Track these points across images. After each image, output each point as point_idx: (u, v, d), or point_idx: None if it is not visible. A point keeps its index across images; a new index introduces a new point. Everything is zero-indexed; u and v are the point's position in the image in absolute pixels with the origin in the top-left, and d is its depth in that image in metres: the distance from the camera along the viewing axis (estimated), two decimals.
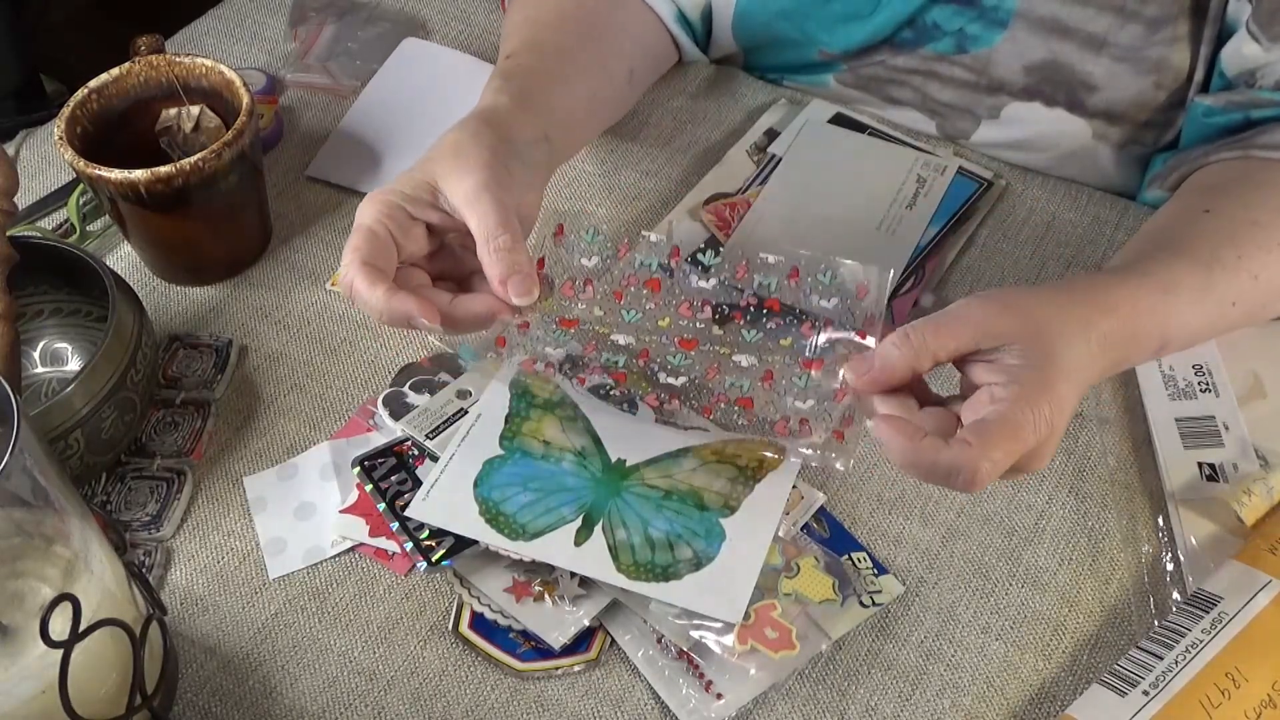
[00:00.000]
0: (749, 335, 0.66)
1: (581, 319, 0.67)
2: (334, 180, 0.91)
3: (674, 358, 0.66)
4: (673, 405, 0.63)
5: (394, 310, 0.64)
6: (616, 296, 0.67)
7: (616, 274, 0.68)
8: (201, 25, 1.04)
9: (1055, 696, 0.64)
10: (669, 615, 0.65)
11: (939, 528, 0.71)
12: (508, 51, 0.80)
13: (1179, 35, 0.78)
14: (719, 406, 0.64)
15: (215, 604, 0.69)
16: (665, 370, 0.66)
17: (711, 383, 0.65)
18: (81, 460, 0.69)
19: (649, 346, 0.67)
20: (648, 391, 0.68)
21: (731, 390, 0.65)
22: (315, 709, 0.65)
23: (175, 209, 0.78)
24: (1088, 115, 0.83)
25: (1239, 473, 0.70)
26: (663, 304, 0.67)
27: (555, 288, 0.67)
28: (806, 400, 0.64)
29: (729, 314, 0.66)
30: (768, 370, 0.65)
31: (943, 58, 0.85)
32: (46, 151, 0.94)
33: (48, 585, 0.57)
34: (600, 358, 0.66)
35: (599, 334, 0.66)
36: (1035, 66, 0.82)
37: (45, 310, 0.79)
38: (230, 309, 0.84)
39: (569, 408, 0.73)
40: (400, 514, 0.69)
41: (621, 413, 0.73)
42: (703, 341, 0.66)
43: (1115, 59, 0.79)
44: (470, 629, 0.67)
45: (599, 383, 0.76)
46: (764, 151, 0.89)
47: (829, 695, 0.64)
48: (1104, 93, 0.81)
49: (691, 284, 0.67)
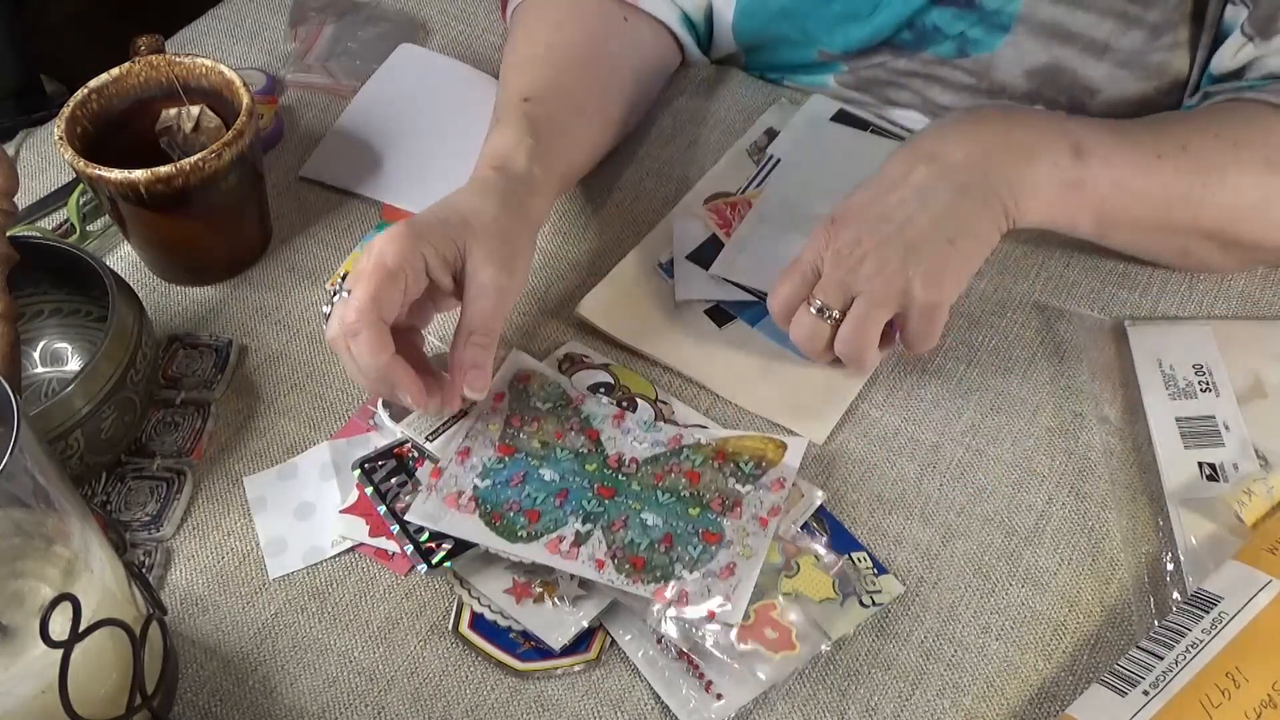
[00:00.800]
0: (662, 498, 0.69)
1: (519, 448, 0.71)
2: (328, 181, 0.91)
3: (589, 503, 0.69)
4: (571, 553, 0.66)
5: (386, 378, 0.67)
6: (557, 435, 0.71)
7: (564, 418, 0.73)
8: (201, 25, 1.04)
9: (1055, 696, 0.64)
10: (669, 615, 0.65)
11: (939, 528, 0.71)
12: (527, 92, 0.80)
13: (1179, 41, 0.78)
14: (610, 560, 0.66)
15: (215, 604, 0.69)
16: (576, 515, 0.68)
17: (615, 534, 0.67)
18: (81, 460, 0.69)
19: (569, 488, 0.69)
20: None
21: (630, 547, 0.67)
22: (315, 709, 0.65)
23: (175, 209, 0.78)
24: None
25: (1239, 473, 0.70)
26: (596, 452, 0.71)
27: (505, 419, 0.73)
28: (694, 571, 0.66)
29: (650, 474, 0.70)
30: (668, 534, 0.67)
31: (944, 61, 0.85)
32: (46, 151, 0.94)
33: (48, 585, 0.57)
34: (522, 491, 0.69)
35: (530, 466, 0.70)
36: (1037, 71, 0.82)
37: (45, 310, 0.79)
38: (230, 309, 0.84)
39: (568, 408, 0.73)
40: (400, 517, 0.69)
41: (621, 412, 0.73)
42: (619, 493, 0.69)
43: (1117, 64, 0.79)
44: (470, 629, 0.67)
45: (598, 381, 0.76)
46: (764, 151, 0.89)
47: (829, 695, 0.64)
48: (1105, 96, 0.81)
49: (628, 442, 0.72)
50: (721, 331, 0.79)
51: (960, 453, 0.74)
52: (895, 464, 0.73)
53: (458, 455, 0.71)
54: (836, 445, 0.74)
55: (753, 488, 0.69)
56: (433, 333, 0.81)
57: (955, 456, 0.73)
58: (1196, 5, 0.76)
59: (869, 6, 0.84)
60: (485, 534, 0.67)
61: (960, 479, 0.72)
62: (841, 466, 0.73)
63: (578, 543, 0.67)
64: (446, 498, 0.69)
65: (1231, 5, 0.76)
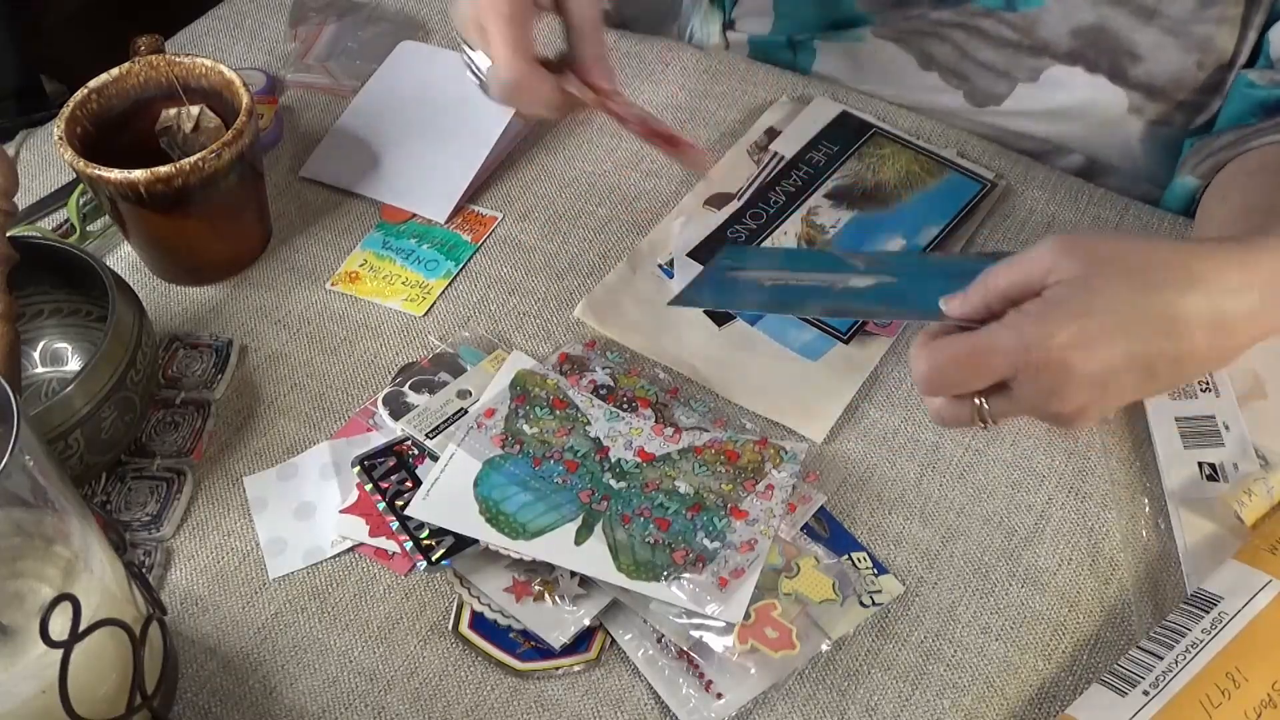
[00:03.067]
0: (698, 469, 0.70)
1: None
2: (327, 181, 0.91)
3: (626, 463, 0.70)
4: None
5: (561, 98, 0.68)
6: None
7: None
8: (201, 25, 1.04)
9: (1055, 696, 0.64)
10: (669, 615, 0.65)
11: (939, 528, 0.71)
12: None
13: (1227, 16, 0.77)
14: (639, 519, 0.67)
15: (215, 604, 0.69)
16: (612, 472, 0.69)
17: (646, 495, 0.69)
18: (81, 460, 0.69)
19: (610, 446, 0.71)
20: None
21: (657, 510, 0.68)
22: (315, 709, 0.65)
23: (175, 209, 0.78)
24: (1128, 86, 0.82)
25: (1239, 473, 0.70)
26: (643, 419, 0.73)
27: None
28: (714, 541, 0.66)
29: (691, 447, 0.71)
30: (696, 504, 0.68)
31: (990, 13, 0.83)
32: (46, 151, 0.94)
33: (48, 585, 0.57)
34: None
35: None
36: (1083, 30, 0.81)
37: (45, 310, 0.79)
38: (230, 309, 0.84)
39: (569, 407, 0.74)
40: (400, 513, 0.69)
41: (622, 412, 0.73)
42: (658, 459, 0.70)
43: (1164, 30, 0.78)
44: (470, 629, 0.67)
45: (600, 382, 0.76)
46: (764, 151, 0.89)
47: (829, 695, 0.64)
48: (1147, 64, 0.80)
49: (675, 415, 0.73)
50: (721, 331, 0.79)
51: (960, 453, 0.74)
52: (895, 464, 0.73)
53: (515, 400, 0.74)
54: (836, 445, 0.74)
55: (787, 475, 0.70)
56: (432, 332, 0.81)
57: (955, 456, 0.73)
58: None
59: None
60: (485, 530, 0.67)
61: (960, 479, 0.73)
62: (841, 466, 0.73)
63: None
64: (494, 438, 0.71)
65: None
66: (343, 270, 0.85)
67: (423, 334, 0.81)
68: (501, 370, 0.76)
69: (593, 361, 0.78)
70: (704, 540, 0.67)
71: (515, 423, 0.73)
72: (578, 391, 0.75)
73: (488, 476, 0.70)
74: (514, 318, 0.82)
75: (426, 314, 0.82)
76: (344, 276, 0.85)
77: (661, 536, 0.67)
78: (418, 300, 0.83)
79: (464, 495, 0.69)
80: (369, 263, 0.85)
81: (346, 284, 0.84)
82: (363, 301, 0.83)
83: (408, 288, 0.83)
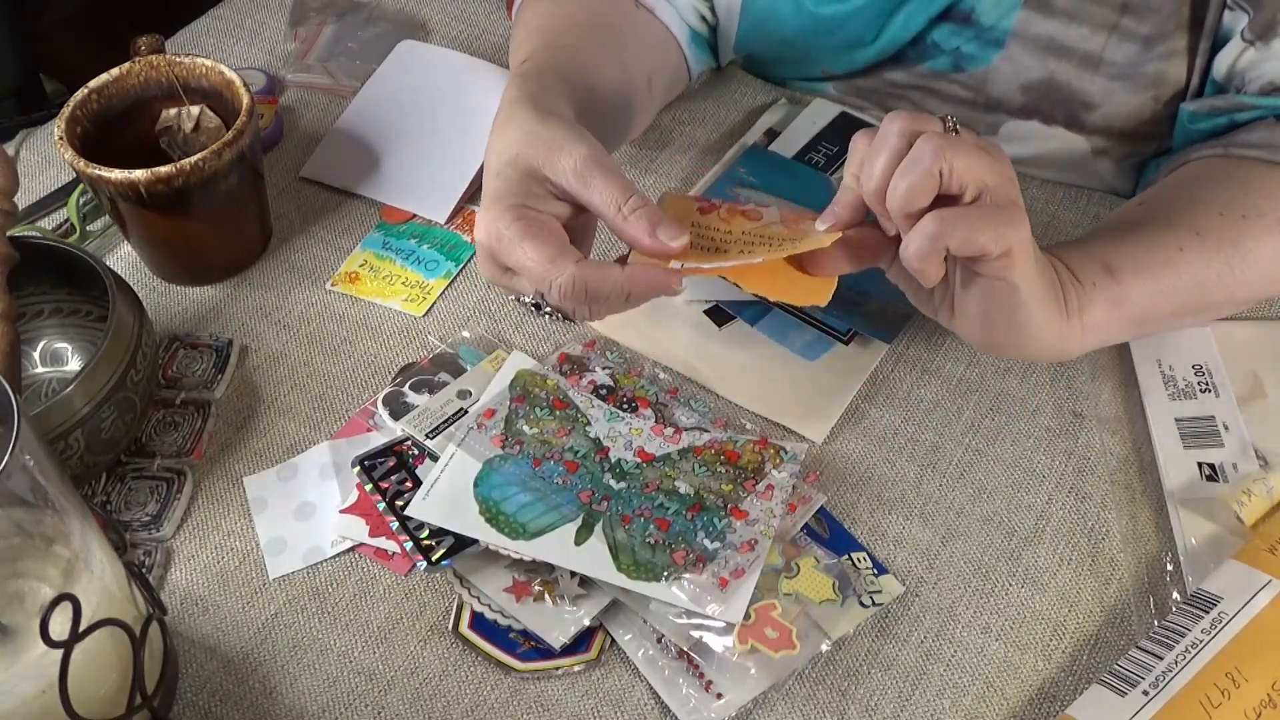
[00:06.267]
0: (698, 469, 0.70)
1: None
2: (328, 181, 0.91)
3: (626, 463, 0.70)
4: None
5: (609, 282, 0.62)
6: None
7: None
8: (201, 25, 1.04)
9: (1055, 696, 0.64)
10: (669, 615, 0.65)
11: (939, 528, 0.71)
12: (523, 57, 0.78)
13: (1175, 50, 0.78)
14: (639, 519, 0.68)
15: (215, 604, 0.69)
16: (612, 473, 0.70)
17: (646, 495, 0.69)
18: (81, 460, 0.69)
19: (610, 446, 0.71)
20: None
21: (657, 510, 0.68)
22: (315, 709, 0.65)
23: (175, 209, 0.78)
24: (1086, 132, 0.82)
25: (1239, 473, 0.70)
26: (643, 419, 0.73)
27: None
28: (714, 542, 0.67)
29: (691, 447, 0.72)
30: (697, 504, 0.68)
31: (940, 75, 0.85)
32: (46, 151, 0.95)
33: (48, 585, 0.57)
34: (567, 443, 0.71)
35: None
36: (1033, 85, 0.82)
37: (45, 310, 0.79)
38: (230, 309, 0.84)
39: (569, 408, 0.74)
40: (400, 513, 0.69)
41: (622, 412, 0.73)
42: (658, 459, 0.71)
43: (1111, 77, 0.79)
44: (470, 629, 0.67)
45: (599, 383, 0.76)
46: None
47: (829, 695, 0.64)
48: (1102, 110, 0.81)
49: (675, 415, 0.74)
50: (721, 331, 0.79)
51: (960, 453, 0.74)
52: (895, 464, 0.73)
53: (514, 401, 0.74)
54: (836, 445, 0.74)
55: (787, 475, 0.70)
56: (432, 333, 0.81)
57: (955, 456, 0.73)
58: (1194, 12, 0.76)
59: (872, 33, 0.84)
60: (485, 530, 0.67)
61: (960, 479, 0.73)
62: (841, 467, 0.73)
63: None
64: (494, 438, 0.71)
65: (1229, 11, 0.75)
66: (343, 270, 0.85)
67: (423, 334, 0.81)
68: (501, 370, 0.76)
69: (593, 362, 0.78)
70: (704, 540, 0.67)
71: (515, 423, 0.73)
72: (578, 392, 0.75)
73: (488, 477, 0.70)
74: (514, 318, 0.82)
75: (426, 314, 0.82)
76: (344, 277, 0.85)
77: (662, 537, 0.67)
78: (418, 300, 0.83)
79: (464, 495, 0.69)
80: (369, 263, 0.85)
81: (346, 284, 0.84)
82: (363, 302, 0.83)
83: (408, 288, 0.83)
